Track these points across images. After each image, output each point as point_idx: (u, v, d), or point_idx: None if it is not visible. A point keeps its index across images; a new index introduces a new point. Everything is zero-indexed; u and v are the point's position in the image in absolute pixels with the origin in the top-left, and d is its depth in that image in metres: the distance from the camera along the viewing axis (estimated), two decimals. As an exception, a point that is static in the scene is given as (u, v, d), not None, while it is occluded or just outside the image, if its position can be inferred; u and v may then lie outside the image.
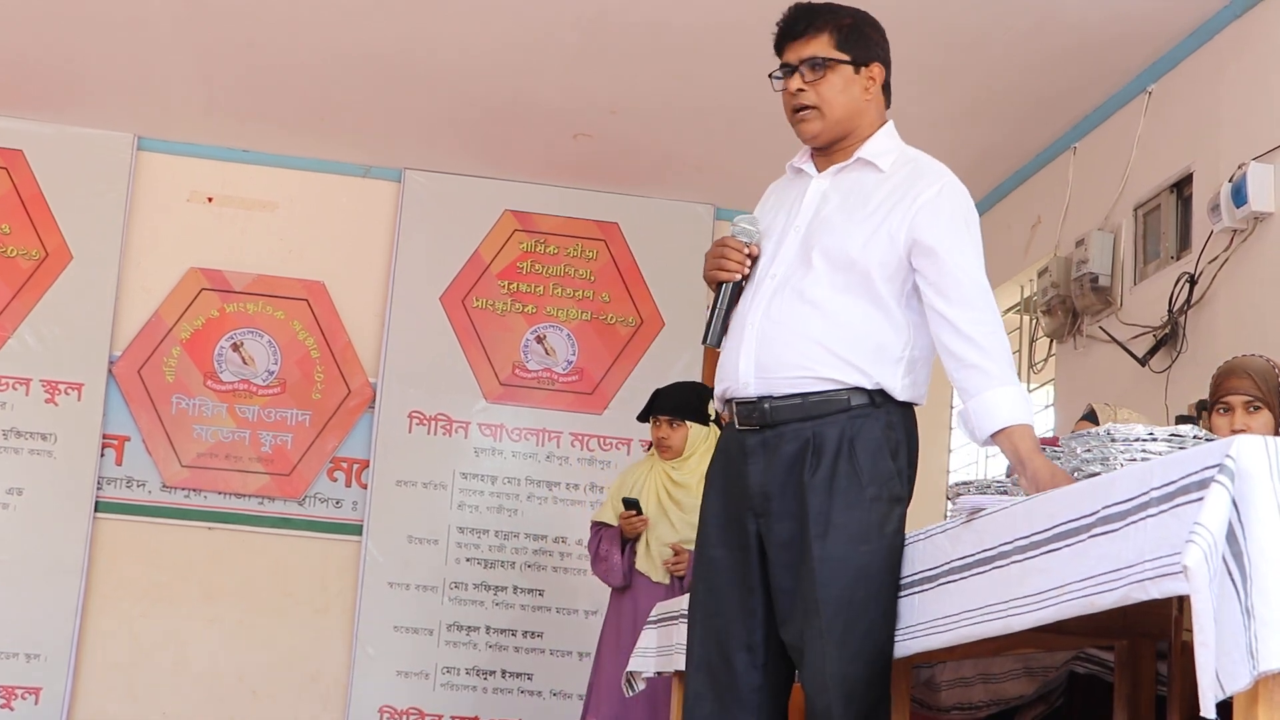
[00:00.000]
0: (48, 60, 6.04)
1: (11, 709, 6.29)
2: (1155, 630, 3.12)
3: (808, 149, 2.99)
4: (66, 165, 6.66)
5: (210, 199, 6.86)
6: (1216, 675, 1.73)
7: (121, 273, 6.69)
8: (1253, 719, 1.75)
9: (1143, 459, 2.52)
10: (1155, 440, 2.56)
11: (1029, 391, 6.03)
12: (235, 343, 6.77)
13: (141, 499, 6.62)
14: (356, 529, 6.71)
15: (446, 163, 6.86)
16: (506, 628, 6.69)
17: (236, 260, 6.83)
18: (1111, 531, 2.03)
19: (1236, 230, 4.72)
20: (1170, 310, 5.05)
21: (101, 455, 6.58)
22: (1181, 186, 5.20)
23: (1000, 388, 2.69)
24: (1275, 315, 4.55)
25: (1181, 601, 2.73)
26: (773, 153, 3.20)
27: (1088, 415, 4.13)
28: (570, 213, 7.01)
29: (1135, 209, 5.43)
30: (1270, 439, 1.79)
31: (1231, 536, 1.77)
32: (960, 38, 5.29)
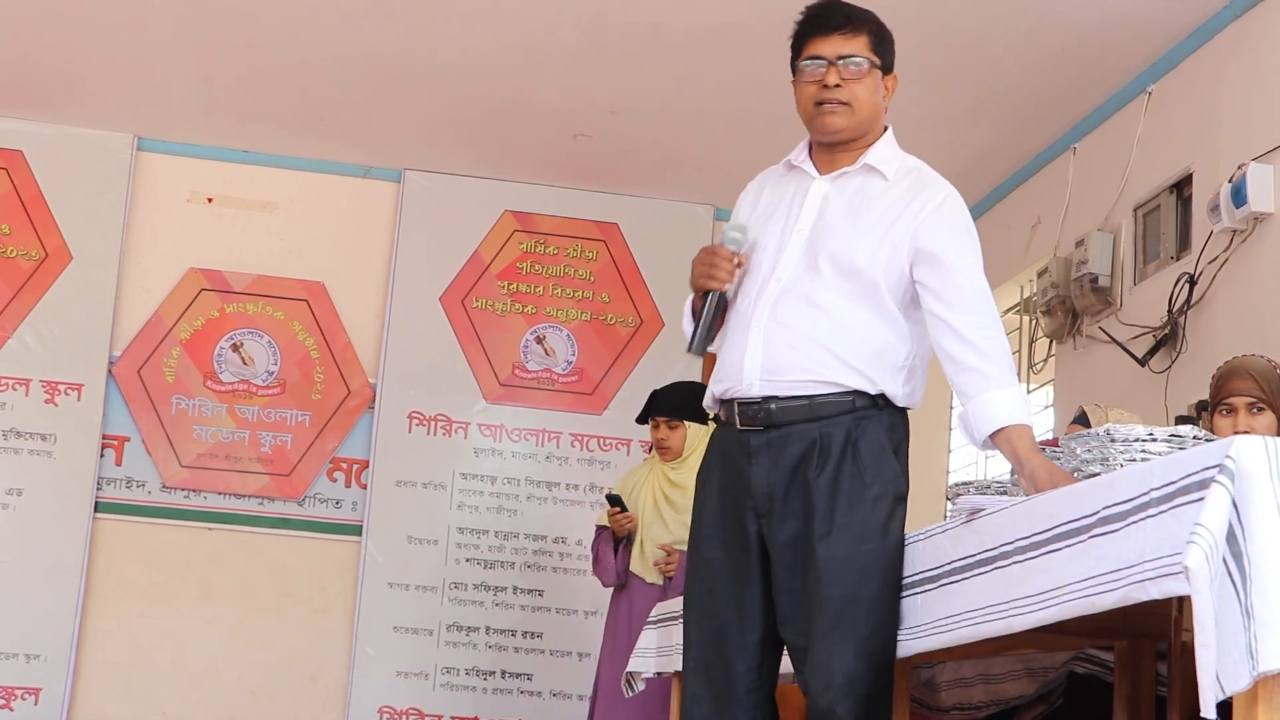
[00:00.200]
0: (48, 60, 6.04)
1: (11, 709, 6.28)
2: (1155, 630, 3.11)
3: (806, 147, 2.99)
4: (66, 166, 6.66)
5: (210, 199, 6.86)
6: (1216, 676, 1.73)
7: (121, 273, 6.69)
8: (1253, 719, 1.75)
9: (1142, 459, 2.52)
10: (1155, 441, 2.56)
11: (1029, 392, 6.03)
12: (235, 343, 6.77)
13: (141, 499, 6.62)
14: (356, 529, 6.70)
15: (446, 163, 6.85)
16: (506, 628, 6.69)
17: (236, 261, 6.83)
18: (1112, 532, 2.03)
19: (1236, 230, 4.72)
20: (1170, 311, 5.05)
21: (101, 455, 6.57)
22: (1181, 187, 5.20)
23: (999, 389, 2.71)
24: (1275, 315, 4.55)
25: (1181, 602, 2.73)
26: (773, 153, 3.19)
27: (1079, 418, 4.13)
28: (570, 213, 7.01)
29: (1135, 209, 5.43)
30: (1270, 439, 1.79)
31: (1231, 537, 1.77)
32: (960, 38, 5.29)
